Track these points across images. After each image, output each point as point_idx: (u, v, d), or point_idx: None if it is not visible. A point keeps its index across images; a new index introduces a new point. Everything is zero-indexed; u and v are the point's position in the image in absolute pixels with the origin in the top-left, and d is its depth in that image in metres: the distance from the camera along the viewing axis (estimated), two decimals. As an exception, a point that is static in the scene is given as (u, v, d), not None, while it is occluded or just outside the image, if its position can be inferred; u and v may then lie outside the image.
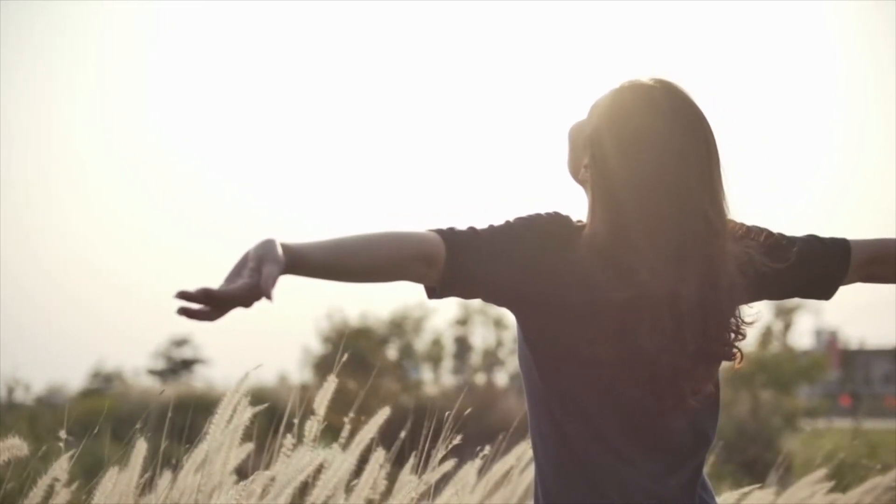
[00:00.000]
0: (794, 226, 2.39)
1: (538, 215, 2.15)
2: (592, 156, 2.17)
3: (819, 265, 2.34)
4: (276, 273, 1.76)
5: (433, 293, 2.09)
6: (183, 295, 1.71)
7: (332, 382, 3.35)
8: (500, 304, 2.16)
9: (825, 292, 2.39)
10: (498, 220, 2.12)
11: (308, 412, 3.39)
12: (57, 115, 55.18)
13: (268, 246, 1.79)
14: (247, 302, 1.76)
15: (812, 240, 2.36)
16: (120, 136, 58.14)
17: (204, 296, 1.73)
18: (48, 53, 53.28)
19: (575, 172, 2.26)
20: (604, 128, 2.16)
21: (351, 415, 3.50)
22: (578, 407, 2.15)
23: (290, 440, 3.36)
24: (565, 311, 2.09)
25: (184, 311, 1.73)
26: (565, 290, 2.09)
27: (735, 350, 2.18)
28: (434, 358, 48.66)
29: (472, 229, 2.08)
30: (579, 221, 2.20)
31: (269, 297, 1.74)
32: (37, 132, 53.57)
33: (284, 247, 1.82)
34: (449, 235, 2.04)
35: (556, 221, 2.15)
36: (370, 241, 1.98)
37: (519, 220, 2.13)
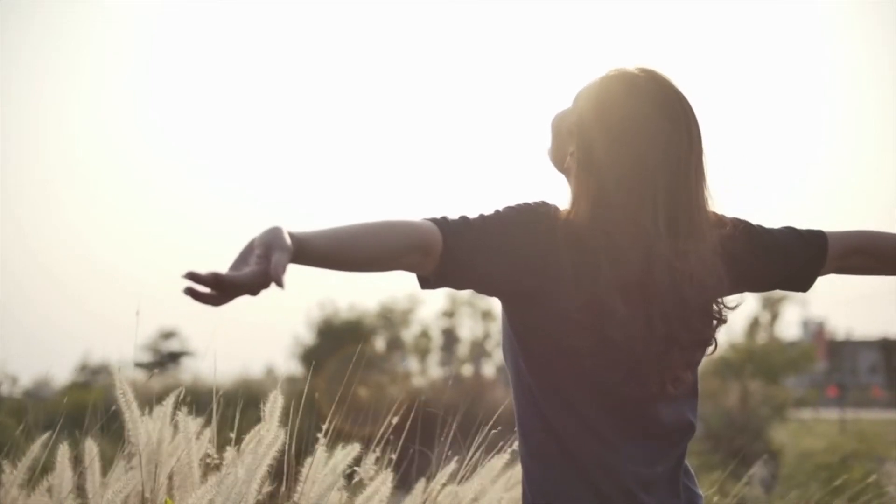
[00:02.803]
0: (790, 221, 2.40)
1: (527, 206, 2.12)
2: (578, 144, 2.15)
3: (798, 258, 2.34)
4: (285, 260, 1.71)
5: (426, 283, 2.07)
6: (192, 276, 1.66)
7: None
8: (490, 295, 2.15)
9: (803, 285, 2.39)
10: (487, 210, 2.09)
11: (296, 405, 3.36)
12: (52, 110, 55.09)
13: (275, 233, 1.74)
14: (255, 289, 1.72)
15: (790, 232, 2.36)
16: (113, 130, 58.12)
17: (214, 280, 1.67)
18: (48, 53, 53.23)
19: (558, 161, 2.25)
20: (589, 116, 2.15)
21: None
22: (564, 397, 2.13)
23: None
24: (549, 303, 2.08)
25: (190, 293, 1.68)
26: (549, 282, 2.07)
27: (710, 338, 2.18)
28: (422, 349, 48.68)
29: (465, 220, 2.05)
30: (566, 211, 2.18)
31: (280, 284, 1.70)
32: (33, 126, 53.45)
33: (290, 235, 1.78)
34: (445, 226, 2.01)
35: (543, 213, 2.12)
36: (370, 230, 1.94)
37: (509, 210, 2.10)
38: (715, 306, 2.17)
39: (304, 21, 62.73)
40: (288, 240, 1.75)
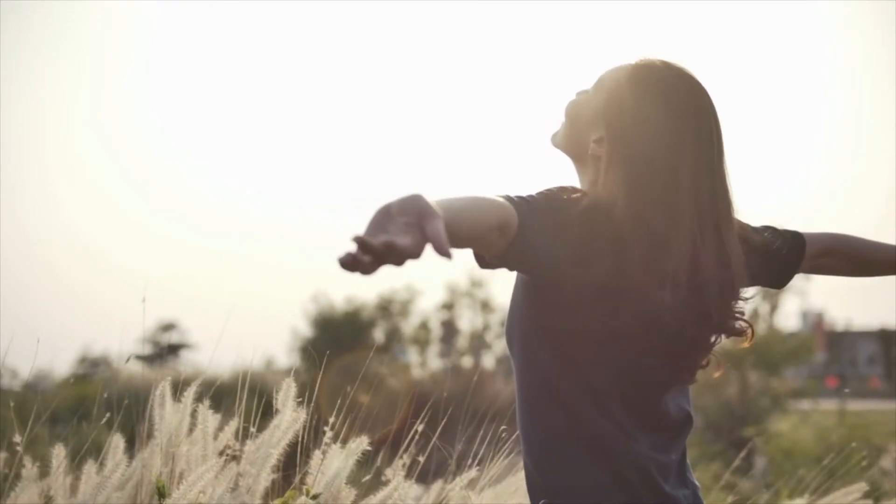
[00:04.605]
0: (790, 221, 2.44)
1: (565, 190, 2.11)
2: (608, 133, 2.15)
3: (780, 258, 2.41)
4: (443, 229, 1.57)
5: (484, 263, 2.01)
6: (361, 242, 1.49)
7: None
8: (536, 277, 2.11)
9: (780, 283, 2.48)
10: (531, 193, 2.04)
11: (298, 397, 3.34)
12: (52, 110, 55.12)
13: (422, 201, 1.59)
14: (401, 260, 1.56)
15: (772, 231, 2.43)
16: (112, 125, 58.15)
17: (387, 249, 1.51)
18: (48, 53, 53.23)
19: (573, 147, 2.24)
20: (621, 106, 2.15)
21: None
22: (589, 384, 2.13)
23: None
24: (591, 287, 2.05)
25: (351, 259, 1.50)
26: (593, 266, 2.04)
27: (747, 325, 2.21)
28: (421, 341, 48.63)
29: (528, 201, 1.99)
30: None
31: (449, 255, 1.55)
32: (33, 126, 53.47)
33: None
34: (518, 206, 1.95)
35: (582, 200, 2.09)
36: (470, 205, 1.86)
37: (552, 194, 2.06)
38: (741, 296, 2.21)
39: (305, 21, 62.72)
40: (437, 208, 1.61)
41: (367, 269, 1.52)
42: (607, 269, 2.03)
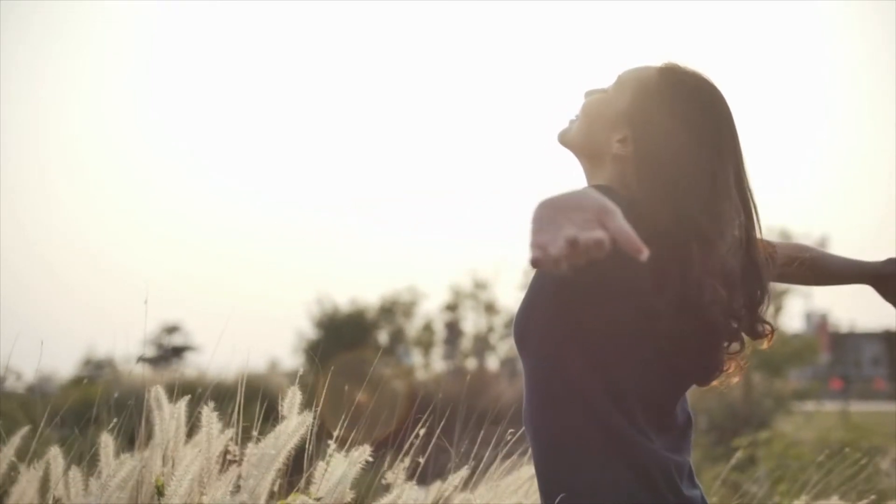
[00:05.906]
0: (793, 220, 2.48)
1: (605, 189, 2.10)
2: (639, 132, 2.16)
3: None
4: (627, 225, 1.48)
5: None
6: (572, 242, 1.43)
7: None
8: (587, 282, 1.99)
9: None
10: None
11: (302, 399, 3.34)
12: (52, 110, 55.21)
13: (598, 196, 1.51)
14: (594, 257, 1.47)
15: None
16: (112, 125, 58.20)
17: (599, 245, 1.44)
18: (48, 53, 53.36)
19: (591, 146, 2.24)
20: (654, 106, 2.16)
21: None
22: (611, 382, 2.12)
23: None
24: (633, 288, 2.04)
25: (554, 256, 1.43)
26: (646, 269, 1.92)
27: (771, 327, 2.26)
28: (425, 343, 48.56)
29: None
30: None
31: (643, 250, 1.45)
32: (33, 126, 53.57)
33: None
34: None
35: (621, 199, 2.06)
36: None
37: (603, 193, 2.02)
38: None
39: (305, 21, 62.74)
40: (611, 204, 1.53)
41: (560, 265, 1.45)
42: (646, 272, 2.00)
